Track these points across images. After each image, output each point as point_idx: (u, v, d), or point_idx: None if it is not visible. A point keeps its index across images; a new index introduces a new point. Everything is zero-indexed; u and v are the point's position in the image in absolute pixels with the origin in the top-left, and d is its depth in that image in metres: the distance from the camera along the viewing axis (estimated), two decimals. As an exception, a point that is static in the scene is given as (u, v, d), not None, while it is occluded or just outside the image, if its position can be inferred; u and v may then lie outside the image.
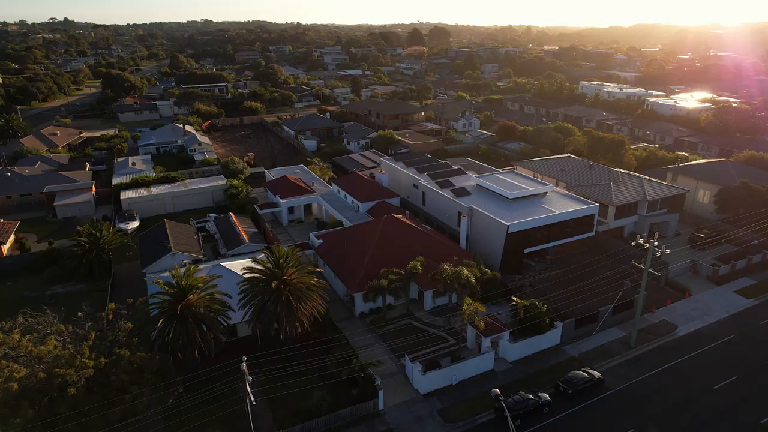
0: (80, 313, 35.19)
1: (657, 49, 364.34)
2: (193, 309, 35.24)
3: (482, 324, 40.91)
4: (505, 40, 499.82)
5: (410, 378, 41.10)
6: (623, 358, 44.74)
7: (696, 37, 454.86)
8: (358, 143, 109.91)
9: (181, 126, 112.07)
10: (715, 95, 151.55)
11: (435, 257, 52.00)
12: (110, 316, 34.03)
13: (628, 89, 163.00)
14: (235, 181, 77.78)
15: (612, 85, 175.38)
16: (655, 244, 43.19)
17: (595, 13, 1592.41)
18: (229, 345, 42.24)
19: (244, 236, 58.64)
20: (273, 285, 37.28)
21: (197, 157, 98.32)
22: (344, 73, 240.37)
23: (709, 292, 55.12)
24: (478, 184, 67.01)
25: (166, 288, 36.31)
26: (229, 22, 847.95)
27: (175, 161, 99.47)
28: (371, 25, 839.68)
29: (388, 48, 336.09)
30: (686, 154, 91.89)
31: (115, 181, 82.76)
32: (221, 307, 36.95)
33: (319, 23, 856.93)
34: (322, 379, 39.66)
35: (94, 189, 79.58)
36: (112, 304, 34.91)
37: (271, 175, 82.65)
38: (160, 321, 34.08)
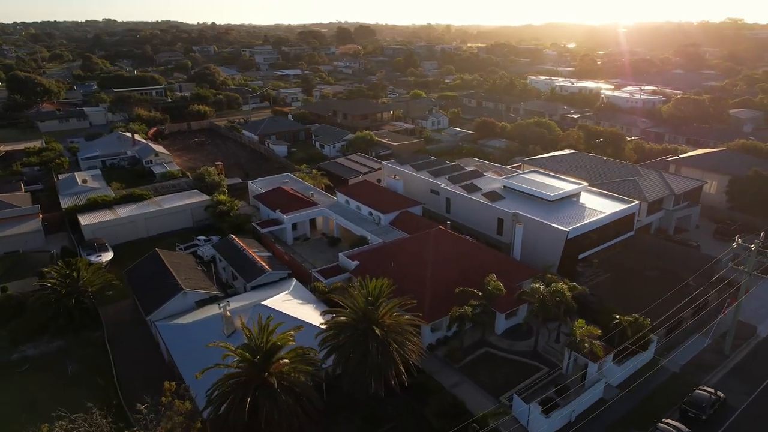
0: (142, 406, 25.15)
1: (574, 45, 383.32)
2: (285, 375, 26.49)
3: (601, 350, 35.43)
4: (429, 38, 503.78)
5: (523, 421, 34.73)
6: (724, 369, 41.33)
7: (604, 35, 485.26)
8: (334, 146, 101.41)
9: (130, 135, 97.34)
10: (657, 87, 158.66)
11: (496, 273, 46.06)
12: (173, 401, 24.42)
13: (579, 83, 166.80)
14: (222, 197, 66.98)
15: (560, 79, 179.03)
16: (760, 244, 39.90)
17: (503, 12, 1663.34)
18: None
19: (263, 263, 49.15)
20: (378, 333, 29.26)
21: (157, 169, 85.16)
22: (281, 73, 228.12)
23: (763, 285, 53.60)
24: (505, 186, 61.91)
25: (241, 351, 27.13)
26: (135, 22, 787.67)
27: (130, 175, 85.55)
28: (290, 24, 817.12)
29: (321, 47, 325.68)
30: (679, 146, 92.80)
31: (65, 203, 68.71)
32: (311, 368, 28.38)
33: (234, 23, 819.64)
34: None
35: (40, 215, 65.24)
36: (171, 383, 25.21)
37: (258, 186, 72.60)
38: (249, 399, 24.99)
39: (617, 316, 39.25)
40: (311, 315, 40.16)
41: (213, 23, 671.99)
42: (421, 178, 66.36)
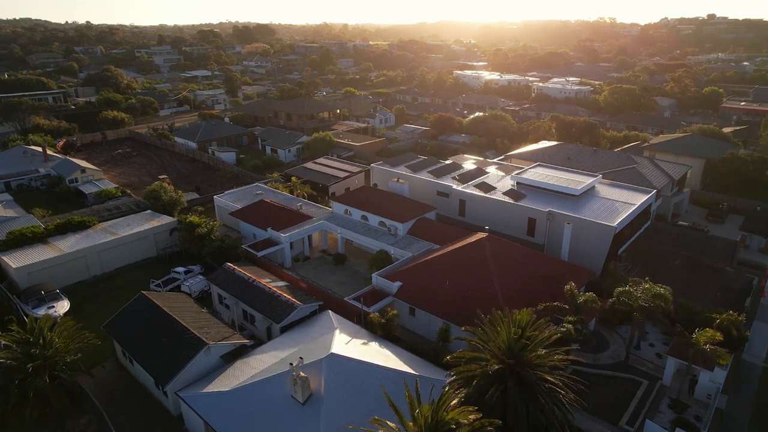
0: None
1: (474, 42, 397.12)
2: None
3: (728, 357, 31.96)
4: (330, 36, 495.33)
5: (663, 452, 30.33)
6: (804, 357, 40.33)
7: (498, 32, 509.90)
8: (289, 150, 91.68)
9: (40, 149, 79.87)
10: (581, 79, 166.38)
11: (555, 278, 41.71)
12: None
13: (507, 76, 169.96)
14: (194, 218, 55.53)
15: (485, 73, 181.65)
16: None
17: (393, 11, 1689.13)
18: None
19: (289, 297, 40.16)
20: (551, 380, 22.79)
21: (87, 188, 70.13)
22: (188, 75, 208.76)
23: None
24: (519, 183, 57.81)
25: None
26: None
27: (51, 198, 69.78)
28: (176, 24, 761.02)
29: (225, 46, 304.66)
30: (640, 133, 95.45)
31: (-26, 241, 53.23)
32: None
33: (111, 23, 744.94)
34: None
35: (-54, 260, 49.55)
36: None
37: (229, 201, 61.98)
38: None
39: (717, 316, 36.30)
40: (389, 358, 32.52)
41: (88, 22, 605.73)
42: (425, 179, 60.30)
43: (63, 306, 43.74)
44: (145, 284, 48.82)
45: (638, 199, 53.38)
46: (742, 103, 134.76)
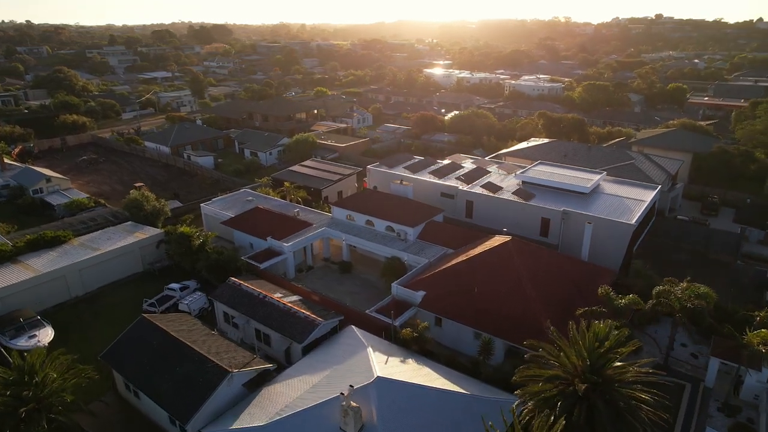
0: None
1: (437, 41, 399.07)
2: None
3: (785, 358, 31.04)
4: (288, 36, 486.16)
5: (726, 461, 29.06)
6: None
7: (457, 31, 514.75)
8: (270, 153, 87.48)
9: (-3, 157, 72.80)
10: (551, 76, 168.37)
11: (581, 280, 40.26)
12: None
13: (477, 74, 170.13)
14: (186, 228, 51.05)
15: (455, 71, 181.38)
16: None
17: (349, 11, 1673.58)
18: None
19: (308, 313, 36.90)
20: (642, 396, 20.76)
21: (55, 199, 64.08)
22: (147, 76, 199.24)
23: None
24: (524, 182, 56.26)
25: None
26: None
27: (13, 211, 63.36)
28: (125, 24, 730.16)
29: (184, 46, 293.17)
30: (623, 128, 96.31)
31: (-70, 262, 47.13)
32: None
33: (54, 23, 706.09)
34: None
35: None
36: None
37: (218, 209, 57.77)
38: None
39: (758, 313, 35.52)
40: (433, 377, 29.88)
41: (28, 21, 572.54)
42: (428, 180, 57.89)
43: (47, 334, 38.79)
44: (133, 303, 44.58)
45: (647, 196, 52.82)
46: (706, 99, 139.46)
